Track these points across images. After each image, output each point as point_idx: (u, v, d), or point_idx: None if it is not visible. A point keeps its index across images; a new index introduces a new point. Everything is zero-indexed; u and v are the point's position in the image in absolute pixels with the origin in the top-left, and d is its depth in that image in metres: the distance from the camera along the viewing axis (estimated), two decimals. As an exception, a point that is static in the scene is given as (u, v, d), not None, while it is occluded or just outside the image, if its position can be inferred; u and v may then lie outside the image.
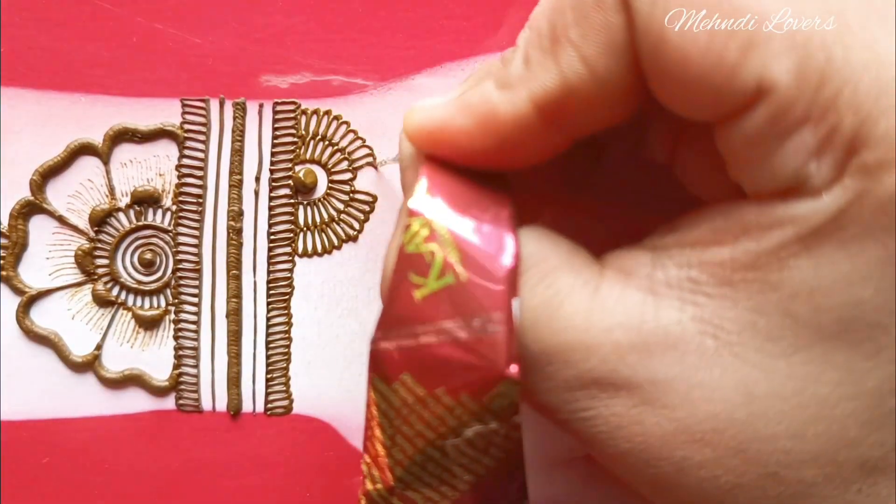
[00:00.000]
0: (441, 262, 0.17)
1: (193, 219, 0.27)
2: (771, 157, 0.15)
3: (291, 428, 0.27)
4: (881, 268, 0.15)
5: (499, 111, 0.17)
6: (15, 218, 0.27)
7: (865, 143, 0.14)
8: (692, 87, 0.15)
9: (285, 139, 0.27)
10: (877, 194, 0.15)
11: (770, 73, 0.15)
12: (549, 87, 0.17)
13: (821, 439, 0.16)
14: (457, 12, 0.27)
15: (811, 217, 0.15)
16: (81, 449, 0.27)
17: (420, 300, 0.17)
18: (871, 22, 0.15)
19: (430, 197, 0.18)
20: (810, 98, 0.15)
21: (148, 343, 0.27)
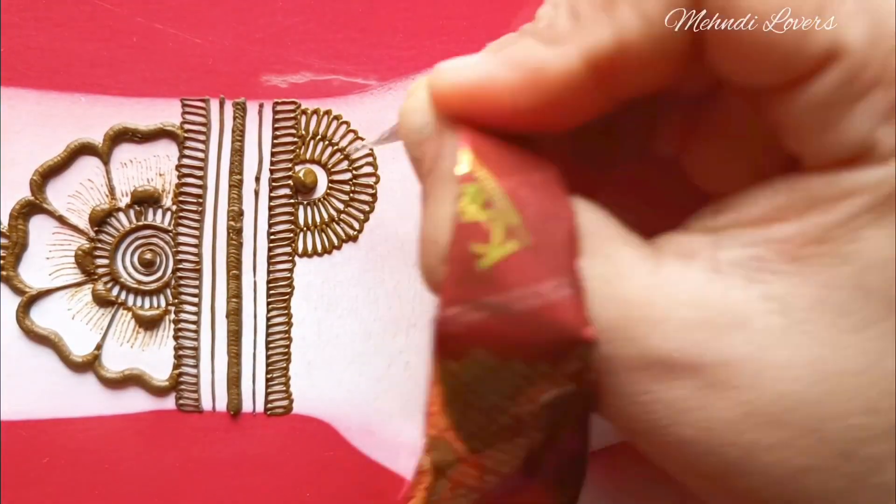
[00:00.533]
0: (503, 228, 0.16)
1: (193, 219, 0.27)
2: (838, 122, 0.15)
3: (291, 428, 0.27)
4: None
5: (548, 67, 0.16)
6: (15, 218, 0.27)
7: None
8: (761, 49, 0.15)
9: (285, 139, 0.27)
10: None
11: (843, 36, 0.14)
12: (604, 43, 0.16)
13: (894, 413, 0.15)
14: (457, 12, 0.27)
15: (882, 185, 0.15)
16: (81, 449, 0.27)
17: (485, 270, 0.16)
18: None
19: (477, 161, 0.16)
20: (882, 61, 0.14)
21: (148, 343, 0.27)
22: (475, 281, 0.16)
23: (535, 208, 0.16)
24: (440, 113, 0.18)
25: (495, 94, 0.17)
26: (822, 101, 0.15)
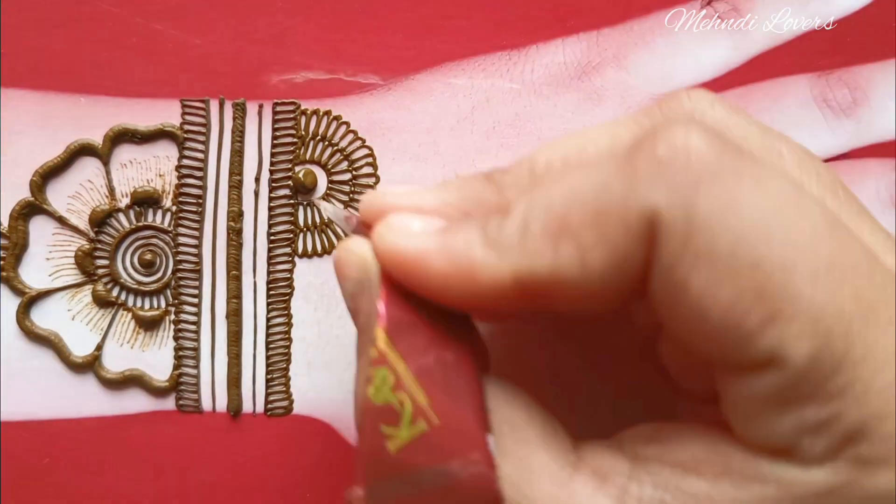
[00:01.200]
0: (411, 410, 0.16)
1: (193, 219, 0.27)
2: (768, 419, 0.15)
3: (291, 428, 0.27)
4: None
5: (478, 271, 0.16)
6: (15, 219, 0.27)
7: (866, 438, 0.14)
8: (703, 335, 0.15)
9: (285, 140, 0.27)
10: (866, 486, 0.15)
11: (785, 350, 0.14)
12: (537, 271, 0.16)
13: None
14: (456, 12, 0.27)
15: (795, 485, 0.15)
16: (81, 449, 0.27)
17: (395, 452, 0.16)
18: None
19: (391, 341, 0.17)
20: (820, 382, 0.14)
21: (148, 344, 0.27)
22: (385, 462, 0.16)
23: (444, 390, 0.17)
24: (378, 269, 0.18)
25: (428, 278, 0.17)
26: (755, 397, 0.15)
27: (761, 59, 0.28)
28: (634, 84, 0.28)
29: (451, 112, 0.28)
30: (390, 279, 0.18)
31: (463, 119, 0.28)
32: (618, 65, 0.28)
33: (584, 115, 0.28)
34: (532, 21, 0.28)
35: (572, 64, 0.28)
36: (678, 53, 0.28)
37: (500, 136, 0.28)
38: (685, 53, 0.28)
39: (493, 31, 0.28)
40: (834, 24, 0.28)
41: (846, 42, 0.28)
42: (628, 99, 0.28)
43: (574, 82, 0.28)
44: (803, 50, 0.28)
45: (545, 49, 0.28)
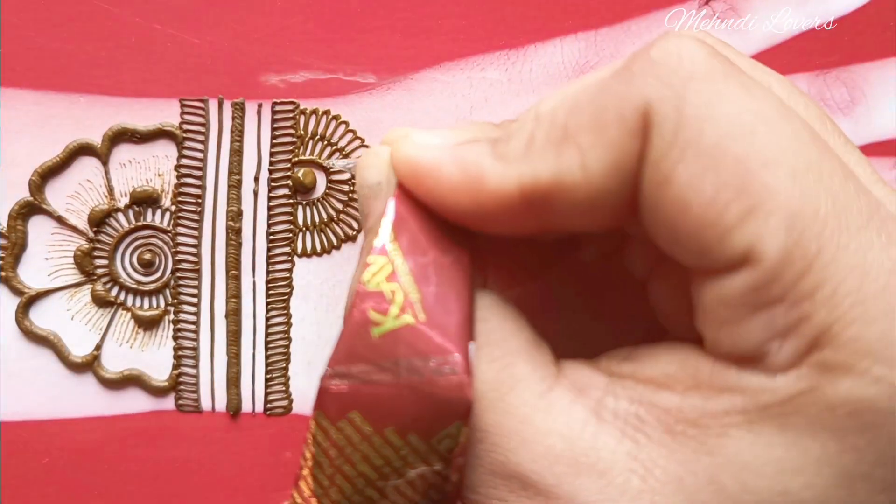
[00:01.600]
0: (402, 301, 0.17)
1: (192, 219, 0.27)
2: (738, 323, 0.15)
3: (291, 428, 0.27)
4: (815, 465, 0.15)
5: (486, 180, 0.17)
6: (14, 218, 0.27)
7: (830, 343, 0.15)
8: (683, 232, 0.16)
9: (284, 139, 0.27)
10: (828, 393, 0.15)
11: (760, 246, 0.15)
12: (541, 178, 0.17)
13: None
14: (455, 12, 0.28)
15: (760, 393, 0.15)
16: (81, 449, 0.27)
17: (377, 338, 0.17)
18: (870, 227, 0.15)
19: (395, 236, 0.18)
20: (790, 282, 0.15)
21: (147, 343, 0.27)
22: (366, 346, 0.17)
23: (436, 289, 0.17)
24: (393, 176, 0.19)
25: (438, 185, 0.18)
26: (728, 298, 0.15)
27: (759, 58, 0.28)
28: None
29: (449, 111, 0.28)
30: (404, 188, 0.18)
31: (461, 118, 0.28)
32: (616, 64, 0.28)
33: (582, 114, 0.28)
34: (530, 21, 0.28)
35: (570, 63, 0.28)
36: (676, 53, 0.28)
37: (499, 136, 0.28)
38: (683, 53, 0.28)
39: (492, 31, 0.28)
40: (833, 24, 0.28)
41: (844, 41, 0.28)
42: (627, 98, 0.28)
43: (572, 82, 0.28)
44: (801, 49, 0.28)
45: (543, 49, 0.28)
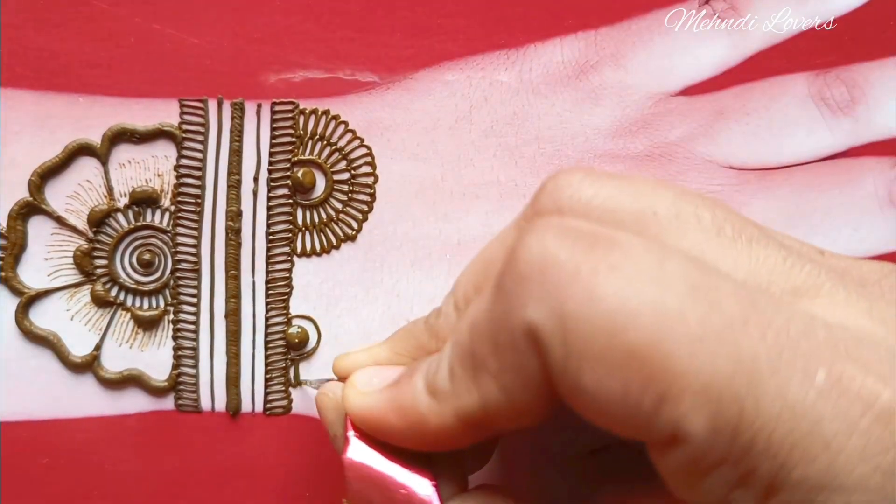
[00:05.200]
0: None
1: (192, 219, 0.27)
2: (694, 484, 0.16)
3: (290, 428, 0.27)
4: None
5: (427, 420, 0.19)
6: (14, 219, 0.27)
7: (783, 487, 0.15)
8: (612, 423, 0.16)
9: (284, 139, 0.27)
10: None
11: (684, 426, 0.15)
12: (472, 408, 0.18)
13: None
14: (455, 11, 0.27)
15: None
16: (81, 449, 0.27)
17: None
18: (781, 366, 0.15)
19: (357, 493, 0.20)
20: (725, 446, 0.15)
21: (147, 343, 0.27)
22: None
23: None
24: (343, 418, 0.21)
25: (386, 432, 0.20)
26: (675, 468, 0.16)
27: (759, 57, 0.28)
28: (632, 83, 0.28)
29: (449, 111, 0.28)
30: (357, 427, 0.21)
31: (461, 118, 0.28)
32: (616, 64, 0.28)
33: (582, 114, 0.28)
34: (530, 20, 0.28)
35: (570, 63, 0.28)
36: (676, 52, 0.28)
37: (499, 135, 0.28)
38: (683, 52, 0.28)
39: (492, 30, 0.28)
40: (833, 24, 0.28)
41: (844, 40, 0.28)
42: (626, 98, 0.28)
43: (572, 81, 0.28)
44: (801, 48, 0.28)
45: (543, 48, 0.28)
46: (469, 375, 0.18)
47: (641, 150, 0.28)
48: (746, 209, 0.28)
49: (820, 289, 0.17)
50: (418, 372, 0.19)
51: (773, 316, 0.15)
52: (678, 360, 0.15)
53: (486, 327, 0.17)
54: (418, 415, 0.19)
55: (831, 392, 0.15)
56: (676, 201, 0.18)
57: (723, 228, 0.17)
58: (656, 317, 0.15)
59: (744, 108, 0.28)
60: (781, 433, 0.15)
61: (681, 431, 0.15)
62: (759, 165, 0.28)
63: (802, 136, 0.28)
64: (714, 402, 0.15)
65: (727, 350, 0.15)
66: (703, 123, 0.28)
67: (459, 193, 0.28)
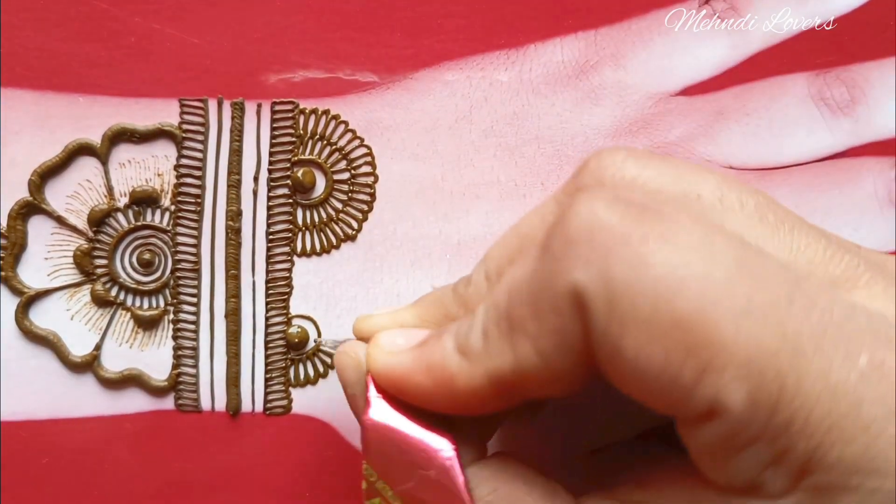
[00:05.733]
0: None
1: (192, 219, 0.27)
2: (726, 461, 0.16)
3: (290, 428, 0.27)
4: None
5: (456, 380, 0.18)
6: (14, 218, 0.27)
7: (818, 468, 0.15)
8: (647, 394, 0.16)
9: (284, 139, 0.27)
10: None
11: (723, 399, 0.15)
12: (504, 370, 0.17)
13: None
14: (455, 11, 0.27)
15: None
16: (80, 449, 0.27)
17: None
18: (825, 346, 0.15)
19: (376, 471, 0.19)
20: (763, 423, 0.15)
21: (147, 343, 0.27)
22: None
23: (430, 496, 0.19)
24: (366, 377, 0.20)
25: (411, 391, 0.19)
26: (709, 444, 0.16)
27: (759, 57, 0.28)
28: (632, 83, 0.28)
29: (449, 111, 0.28)
30: (379, 386, 0.20)
31: (461, 118, 0.28)
32: (616, 64, 0.28)
33: (582, 113, 0.28)
34: (530, 20, 0.28)
35: (570, 63, 0.28)
36: (676, 52, 0.28)
37: (499, 135, 0.28)
38: (683, 52, 0.28)
39: (492, 30, 0.28)
40: (833, 24, 0.28)
41: (844, 40, 0.28)
42: (626, 98, 0.28)
43: (572, 81, 0.28)
44: (801, 48, 0.28)
45: (543, 48, 0.28)
46: (504, 337, 0.17)
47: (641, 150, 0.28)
48: (746, 209, 0.28)
49: (858, 279, 0.17)
50: (448, 333, 0.19)
51: (818, 298, 0.15)
52: (723, 332, 0.15)
53: (528, 289, 0.17)
54: (447, 374, 0.18)
55: (873, 376, 0.15)
56: (720, 185, 0.18)
57: (765, 215, 0.17)
58: (704, 288, 0.15)
59: (744, 108, 0.28)
60: (820, 413, 0.15)
61: (719, 404, 0.15)
62: (758, 165, 0.28)
63: (802, 136, 0.28)
64: (756, 377, 0.15)
65: (772, 326, 0.15)
66: (703, 123, 0.28)
67: (459, 193, 0.28)
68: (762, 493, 0.16)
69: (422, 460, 0.19)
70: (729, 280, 0.15)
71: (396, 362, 0.19)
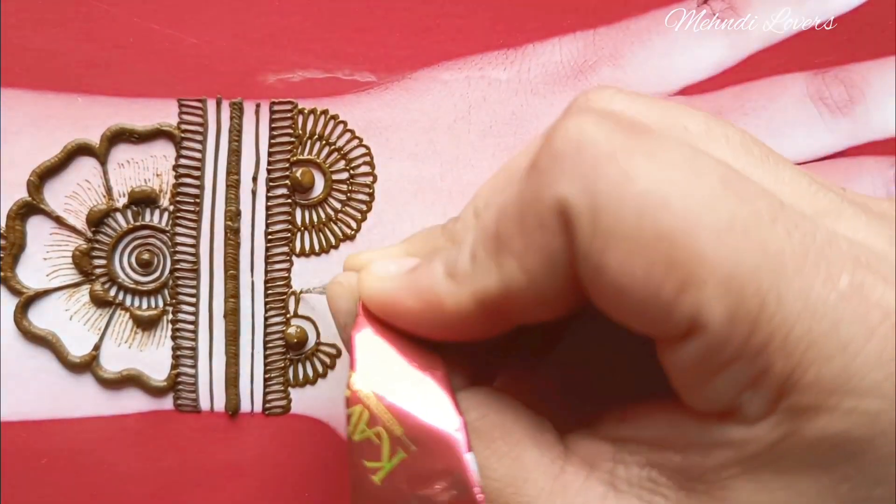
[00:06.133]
0: (388, 441, 0.18)
1: (191, 219, 0.27)
2: (704, 384, 0.16)
3: (289, 428, 0.27)
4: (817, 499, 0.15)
5: (444, 302, 0.18)
6: (12, 219, 0.27)
7: (795, 388, 0.15)
8: (627, 312, 0.16)
9: (282, 139, 0.27)
10: (807, 434, 0.15)
11: (703, 315, 0.15)
12: (491, 289, 0.17)
13: None
14: (454, 11, 0.27)
15: (747, 444, 0.16)
16: (79, 449, 0.27)
17: (380, 484, 0.18)
18: (806, 266, 0.15)
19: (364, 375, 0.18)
20: (742, 340, 0.15)
21: (146, 343, 0.27)
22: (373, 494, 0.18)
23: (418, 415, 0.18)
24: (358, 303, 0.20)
25: (403, 315, 0.19)
26: (687, 364, 0.16)
27: (758, 57, 0.28)
28: (630, 83, 0.28)
29: (447, 111, 0.28)
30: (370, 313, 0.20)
31: (460, 118, 0.28)
32: (614, 64, 0.28)
33: (581, 113, 0.28)
34: (529, 20, 0.28)
35: (569, 63, 0.28)
36: (674, 52, 0.28)
37: (497, 135, 0.28)
38: (681, 52, 0.28)
39: (490, 30, 0.28)
40: (833, 24, 0.28)
41: (843, 40, 0.28)
42: (625, 97, 0.28)
43: (571, 81, 0.28)
44: (800, 48, 0.28)
45: (542, 48, 0.28)
46: (491, 257, 0.17)
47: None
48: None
49: (842, 213, 0.17)
50: (438, 258, 0.19)
51: (800, 220, 0.15)
52: (705, 248, 0.15)
53: (515, 208, 0.17)
54: (435, 297, 0.18)
55: (852, 297, 0.15)
56: (707, 120, 0.18)
57: (751, 149, 0.17)
58: (687, 203, 0.15)
59: (742, 107, 0.28)
60: (800, 331, 0.15)
61: (699, 321, 0.15)
62: (757, 165, 0.28)
63: (801, 135, 0.28)
64: (736, 293, 0.15)
65: (754, 243, 0.15)
66: (702, 123, 0.28)
67: (458, 193, 0.28)
68: (740, 418, 0.16)
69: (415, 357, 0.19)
70: (712, 197, 0.15)
71: (388, 287, 0.19)
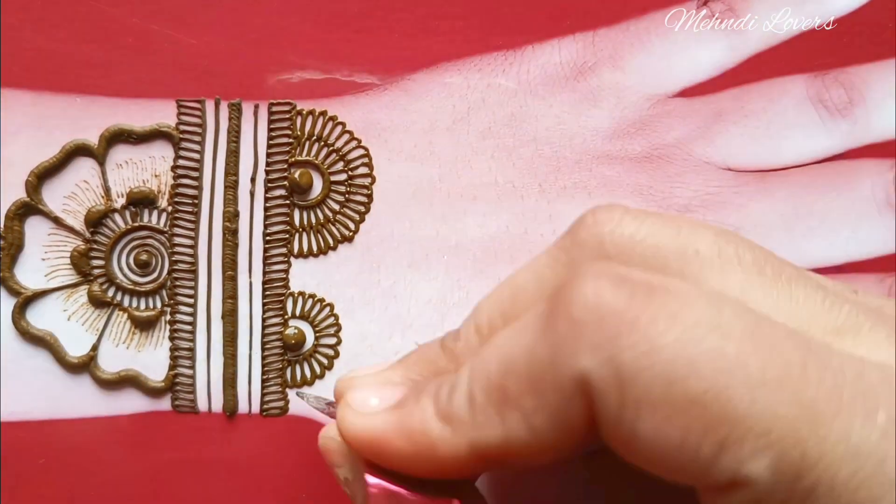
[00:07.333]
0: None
1: (189, 220, 0.27)
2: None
3: (287, 429, 0.27)
4: None
5: (437, 447, 0.17)
6: (11, 219, 0.27)
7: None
8: (665, 470, 0.16)
9: (281, 140, 0.27)
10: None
11: (744, 470, 0.15)
12: (490, 442, 0.17)
13: None
14: (453, 12, 0.27)
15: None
16: (77, 450, 0.27)
17: None
18: (843, 409, 0.15)
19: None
20: (788, 489, 0.15)
21: (144, 344, 0.27)
22: None
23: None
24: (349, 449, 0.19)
25: (392, 458, 0.18)
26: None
27: (757, 59, 0.28)
28: (630, 84, 0.28)
29: (446, 112, 0.28)
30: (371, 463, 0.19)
31: (459, 119, 0.28)
32: (614, 65, 0.28)
33: (580, 115, 0.28)
34: (528, 21, 0.28)
35: (568, 64, 0.28)
36: (674, 54, 0.28)
37: (496, 137, 0.28)
38: (681, 54, 0.28)
39: (489, 32, 0.28)
40: (833, 25, 0.28)
41: (842, 42, 0.28)
42: (624, 99, 0.28)
43: (570, 83, 0.28)
44: (799, 50, 0.28)
45: (541, 49, 0.28)
46: (494, 408, 0.17)
47: (639, 151, 0.28)
48: (744, 211, 0.27)
49: (860, 328, 0.17)
50: (426, 394, 0.18)
51: (829, 359, 0.15)
52: (738, 406, 0.15)
53: (525, 366, 0.16)
54: (427, 440, 0.18)
55: (892, 431, 0.15)
56: (717, 240, 0.18)
57: (763, 269, 0.17)
58: (717, 364, 0.15)
59: (742, 109, 0.28)
60: (846, 474, 0.15)
61: (741, 476, 0.15)
62: (757, 167, 0.28)
63: (801, 138, 0.28)
64: (776, 446, 0.15)
65: (788, 394, 0.15)
66: (702, 125, 0.28)
67: (457, 195, 0.28)
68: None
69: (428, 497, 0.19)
70: (740, 353, 0.15)
71: (371, 425, 0.18)
